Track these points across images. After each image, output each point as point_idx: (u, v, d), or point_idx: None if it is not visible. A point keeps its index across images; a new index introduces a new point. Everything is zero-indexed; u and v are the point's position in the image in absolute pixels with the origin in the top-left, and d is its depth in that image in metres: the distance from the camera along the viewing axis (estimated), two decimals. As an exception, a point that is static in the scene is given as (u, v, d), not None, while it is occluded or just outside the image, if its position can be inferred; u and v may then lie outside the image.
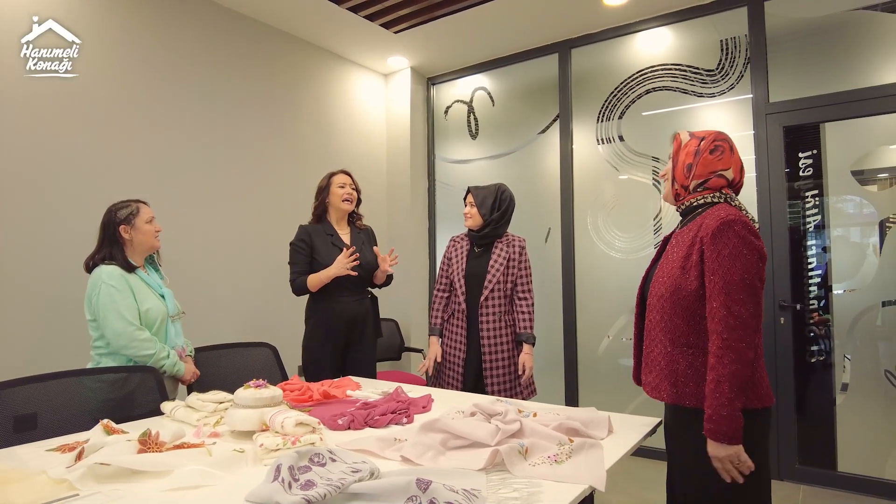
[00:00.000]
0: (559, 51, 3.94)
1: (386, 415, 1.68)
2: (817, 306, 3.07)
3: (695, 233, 1.43)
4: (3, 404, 1.57)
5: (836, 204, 3.05)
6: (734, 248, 1.33)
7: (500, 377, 2.48)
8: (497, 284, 2.50)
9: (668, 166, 1.58)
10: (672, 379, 1.42)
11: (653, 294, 1.50)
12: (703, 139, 1.49)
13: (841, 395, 2.99)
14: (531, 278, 2.59)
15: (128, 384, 1.86)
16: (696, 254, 1.39)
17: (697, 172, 1.47)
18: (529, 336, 2.51)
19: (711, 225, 1.37)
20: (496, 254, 2.54)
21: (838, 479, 2.95)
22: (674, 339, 1.43)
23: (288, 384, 2.05)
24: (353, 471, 1.14)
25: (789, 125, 3.13)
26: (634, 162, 3.64)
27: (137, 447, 1.27)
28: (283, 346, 2.68)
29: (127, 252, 2.05)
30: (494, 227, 2.53)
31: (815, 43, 3.10)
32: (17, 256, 2.48)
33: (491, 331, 2.50)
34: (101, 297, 1.92)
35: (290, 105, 3.79)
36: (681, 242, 1.47)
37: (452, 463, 1.28)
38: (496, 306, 2.51)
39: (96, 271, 1.97)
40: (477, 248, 2.59)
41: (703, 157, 1.46)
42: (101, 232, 2.06)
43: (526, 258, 2.58)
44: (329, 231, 2.65)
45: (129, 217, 2.06)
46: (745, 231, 1.34)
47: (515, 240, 2.58)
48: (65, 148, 2.65)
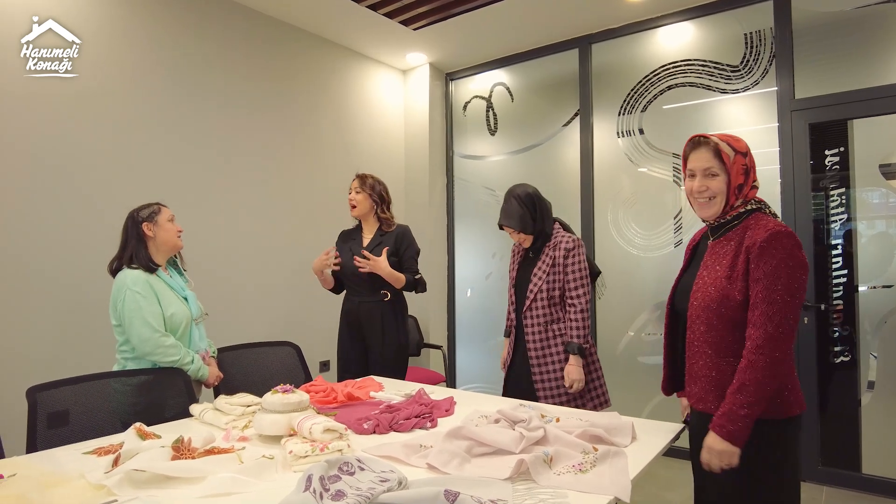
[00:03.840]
0: (579, 46, 3.90)
1: (410, 419, 1.70)
2: (842, 304, 3.02)
3: (738, 242, 1.42)
4: (35, 405, 1.63)
5: (864, 200, 3.00)
6: (781, 259, 1.33)
7: (553, 389, 2.33)
8: (540, 293, 2.36)
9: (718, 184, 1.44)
10: (718, 391, 1.42)
11: (695, 306, 1.48)
12: (745, 154, 1.45)
13: (867, 395, 2.95)
14: (583, 281, 2.35)
15: (156, 387, 1.90)
16: (743, 264, 1.39)
17: (746, 191, 1.45)
18: (574, 346, 2.30)
19: (760, 236, 1.36)
20: (542, 260, 2.39)
21: (862, 482, 2.92)
22: (719, 349, 1.43)
23: (312, 385, 2.08)
24: (382, 480, 1.16)
25: (815, 122, 3.07)
26: (654, 157, 3.61)
27: (171, 453, 1.30)
28: (311, 345, 2.72)
29: (150, 250, 2.08)
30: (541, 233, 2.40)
31: (843, 37, 3.03)
32: (17, 257, 2.49)
33: (537, 341, 2.37)
34: (126, 304, 1.95)
35: (308, 101, 3.80)
36: (723, 253, 1.46)
37: (478, 471, 1.30)
38: (540, 316, 2.37)
39: (120, 276, 2.00)
40: (531, 254, 2.47)
41: (751, 175, 1.45)
42: (125, 232, 2.09)
43: (575, 260, 2.35)
44: (355, 235, 2.77)
45: (151, 215, 2.09)
46: (791, 244, 1.34)
47: (562, 241, 2.37)
48: (65, 148, 2.65)
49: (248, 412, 1.69)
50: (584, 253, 2.40)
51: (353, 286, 2.73)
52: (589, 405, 2.35)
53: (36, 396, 1.63)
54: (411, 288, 2.75)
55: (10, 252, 2.48)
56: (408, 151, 4.56)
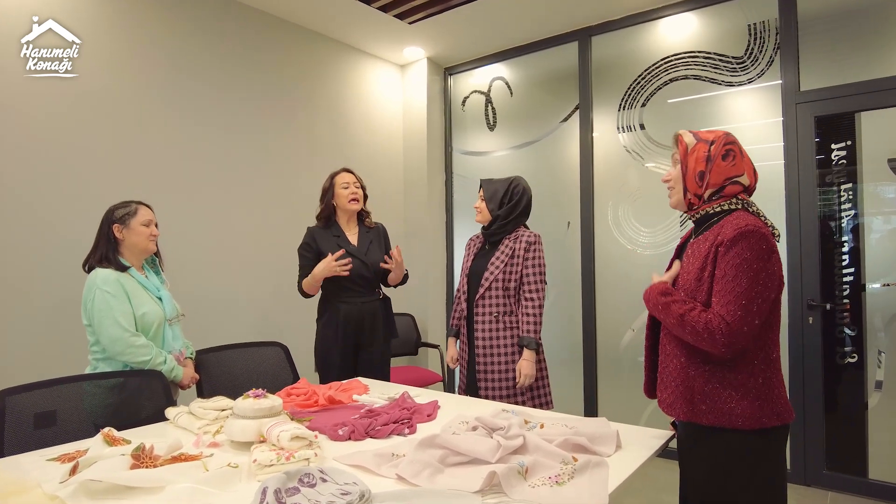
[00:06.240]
0: (579, 38, 3.81)
1: (388, 424, 1.64)
2: (850, 303, 2.92)
3: (711, 241, 1.35)
4: (3, 410, 1.59)
5: (872, 195, 2.89)
6: (744, 259, 1.26)
7: (497, 382, 2.30)
8: (495, 283, 2.32)
9: (675, 172, 1.48)
10: (688, 396, 1.37)
11: None
12: (712, 143, 1.39)
13: (875, 396, 2.85)
14: (542, 278, 2.35)
15: (129, 388, 1.86)
16: (711, 265, 1.32)
17: (712, 181, 1.38)
18: (530, 340, 2.26)
19: (728, 234, 1.30)
20: (500, 250, 2.36)
21: (869, 487, 2.82)
22: (689, 352, 1.37)
23: (294, 388, 2.04)
24: (343, 493, 1.10)
25: (821, 115, 2.97)
26: (656, 152, 3.52)
27: (131, 462, 1.26)
28: (297, 346, 2.67)
29: (121, 252, 2.03)
30: (502, 222, 2.38)
31: (850, 27, 2.92)
32: (16, 257, 2.48)
33: (486, 331, 2.32)
34: (95, 303, 1.91)
35: (303, 99, 3.75)
36: (696, 252, 1.40)
37: (449, 482, 1.24)
38: (493, 306, 2.33)
39: (91, 276, 1.96)
40: (487, 246, 2.46)
41: (716, 163, 1.37)
42: (98, 230, 2.05)
43: (535, 255, 2.34)
44: (336, 232, 2.65)
45: (124, 217, 2.04)
46: (761, 244, 1.26)
47: (524, 235, 2.37)
48: (65, 148, 2.64)
49: (221, 416, 1.64)
50: (543, 250, 2.39)
51: (355, 287, 2.60)
52: (529, 404, 2.29)
53: (5, 401, 1.60)
54: (405, 281, 2.75)
55: (10, 252, 2.47)
56: (406, 148, 4.49)
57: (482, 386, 2.33)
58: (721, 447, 1.33)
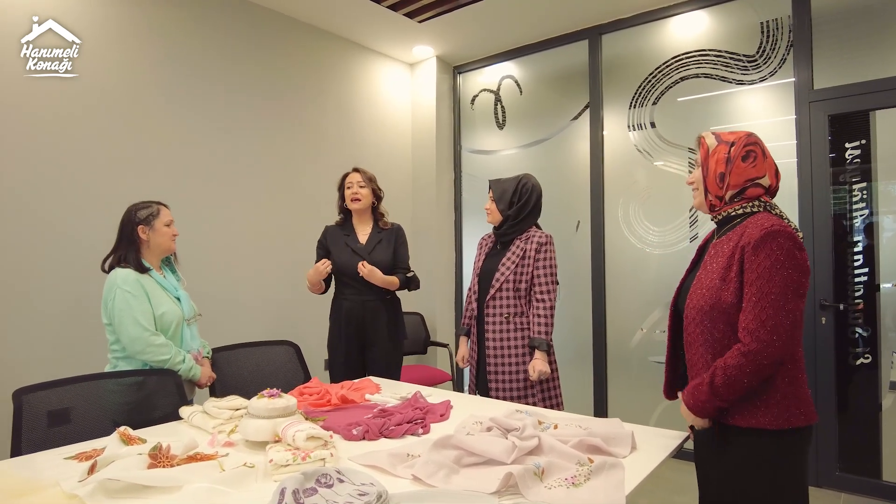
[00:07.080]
0: (589, 37, 3.80)
1: (402, 424, 1.64)
2: (863, 304, 2.89)
3: (735, 242, 1.34)
4: (21, 408, 1.60)
5: (887, 194, 2.86)
6: (776, 260, 1.25)
7: (507, 382, 2.30)
8: (506, 283, 2.33)
9: (697, 174, 1.47)
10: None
11: (691, 307, 1.42)
12: (732, 144, 1.38)
13: (889, 397, 2.82)
14: (554, 279, 2.35)
15: (147, 387, 1.87)
16: (737, 265, 1.32)
17: (732, 182, 1.37)
18: (541, 342, 2.27)
19: (754, 235, 1.29)
20: (511, 251, 2.36)
21: (883, 489, 2.80)
22: (716, 353, 1.37)
23: (307, 387, 2.04)
24: (360, 493, 1.10)
25: (835, 113, 2.94)
26: (667, 151, 3.50)
27: (148, 461, 1.26)
28: (309, 345, 2.69)
29: (142, 253, 2.05)
30: (513, 222, 2.37)
31: (865, 24, 2.89)
32: (16, 257, 2.48)
33: (497, 332, 2.33)
34: (116, 303, 1.92)
35: (312, 98, 3.75)
36: (720, 253, 1.39)
37: (465, 483, 1.24)
38: (504, 306, 2.33)
39: (112, 275, 1.98)
40: (499, 246, 2.46)
41: (736, 165, 1.36)
42: (119, 231, 2.06)
43: (546, 255, 2.34)
44: (347, 231, 2.67)
45: (148, 218, 2.06)
46: (789, 243, 1.26)
47: (535, 235, 2.36)
48: (65, 148, 2.64)
49: (235, 416, 1.64)
50: (555, 251, 2.38)
51: (355, 285, 2.63)
52: (540, 405, 2.29)
53: (22, 399, 1.61)
54: (404, 286, 2.72)
55: (10, 252, 2.47)
56: (415, 146, 4.49)
57: (493, 387, 2.33)
58: (745, 448, 1.33)
